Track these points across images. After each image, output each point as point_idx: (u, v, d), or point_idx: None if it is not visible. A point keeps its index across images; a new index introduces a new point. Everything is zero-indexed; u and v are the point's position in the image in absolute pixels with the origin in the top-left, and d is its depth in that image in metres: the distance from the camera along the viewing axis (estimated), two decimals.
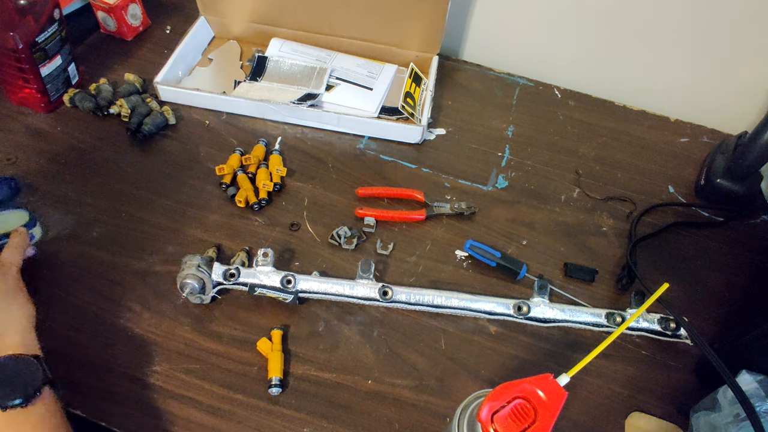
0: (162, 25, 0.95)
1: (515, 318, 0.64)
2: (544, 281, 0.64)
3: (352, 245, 0.68)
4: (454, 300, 0.63)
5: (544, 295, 0.64)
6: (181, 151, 0.77)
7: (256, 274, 0.62)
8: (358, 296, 0.63)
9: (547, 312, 0.64)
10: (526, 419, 0.40)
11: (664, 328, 0.63)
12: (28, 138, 0.76)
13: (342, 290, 0.63)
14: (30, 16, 0.70)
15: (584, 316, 0.64)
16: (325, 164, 0.78)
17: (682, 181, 0.82)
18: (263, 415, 0.56)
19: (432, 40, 0.88)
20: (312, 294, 0.63)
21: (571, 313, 0.64)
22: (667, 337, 0.63)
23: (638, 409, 0.60)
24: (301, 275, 0.63)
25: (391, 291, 0.63)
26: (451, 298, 0.63)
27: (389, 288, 0.63)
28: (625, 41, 0.88)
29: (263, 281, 0.61)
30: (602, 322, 0.63)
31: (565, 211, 0.77)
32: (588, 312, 0.64)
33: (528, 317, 0.63)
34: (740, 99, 0.88)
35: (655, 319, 0.63)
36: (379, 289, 0.63)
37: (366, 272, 0.63)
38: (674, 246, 0.75)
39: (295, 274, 0.62)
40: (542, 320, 0.64)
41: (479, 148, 0.83)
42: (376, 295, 0.63)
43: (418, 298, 0.63)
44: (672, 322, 0.62)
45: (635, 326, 0.63)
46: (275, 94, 0.82)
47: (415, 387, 0.59)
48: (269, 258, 0.62)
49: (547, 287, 0.64)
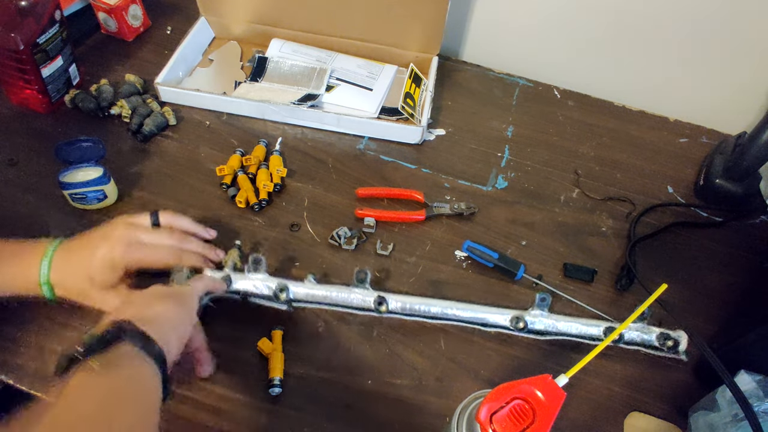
0: (162, 25, 0.95)
1: (512, 332, 0.62)
2: (545, 294, 0.62)
3: (352, 246, 0.69)
4: (450, 311, 0.62)
5: (544, 308, 0.62)
6: (181, 152, 0.77)
7: (248, 281, 0.60)
8: (352, 306, 0.61)
9: (545, 325, 0.62)
10: (525, 420, 0.40)
11: (662, 345, 0.61)
12: (29, 139, 0.76)
13: (336, 299, 0.61)
14: (31, 17, 0.70)
15: (581, 328, 0.62)
16: (325, 165, 0.78)
17: (681, 181, 0.83)
18: (263, 415, 0.56)
19: (432, 41, 0.88)
20: (305, 304, 0.61)
21: (569, 326, 0.62)
22: (663, 353, 0.61)
23: (637, 409, 0.60)
24: (295, 282, 0.61)
25: (386, 303, 0.61)
26: (448, 308, 0.62)
27: (384, 299, 0.61)
28: (625, 42, 0.88)
29: (256, 289, 0.60)
30: (600, 336, 0.62)
31: (565, 212, 0.77)
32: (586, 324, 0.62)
33: (526, 330, 0.61)
34: (739, 99, 0.88)
35: (654, 336, 0.61)
36: (374, 300, 0.61)
37: (362, 282, 0.62)
38: (673, 246, 0.75)
39: (288, 282, 0.61)
40: (540, 332, 0.62)
41: (479, 148, 0.83)
42: (371, 305, 0.61)
43: (415, 308, 0.61)
44: (670, 339, 0.61)
45: (633, 340, 0.62)
46: (275, 94, 0.83)
47: (415, 387, 0.59)
48: (261, 265, 0.61)
49: (547, 301, 0.62)
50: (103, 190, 0.67)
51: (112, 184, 0.69)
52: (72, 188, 0.66)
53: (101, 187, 0.67)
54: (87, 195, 0.67)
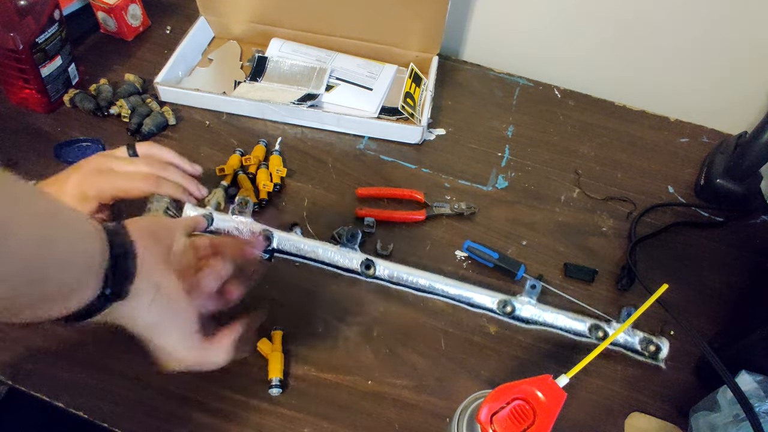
0: (162, 25, 0.95)
1: (498, 315, 0.62)
2: (536, 281, 0.62)
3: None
4: (438, 285, 0.61)
5: (533, 296, 0.63)
6: (181, 152, 0.76)
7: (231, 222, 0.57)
8: (338, 265, 0.59)
9: (531, 313, 0.62)
10: (526, 420, 0.40)
11: (644, 349, 0.61)
12: (28, 138, 0.76)
13: (322, 256, 0.58)
14: (30, 17, 0.70)
15: (566, 322, 0.62)
16: (325, 164, 0.78)
17: (682, 181, 0.83)
18: (263, 415, 0.56)
19: (432, 40, 0.88)
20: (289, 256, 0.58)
21: (555, 318, 0.62)
22: (644, 358, 0.61)
23: (638, 410, 0.60)
24: (281, 232, 0.58)
25: (374, 267, 0.59)
26: (435, 282, 0.61)
27: (372, 263, 0.59)
28: (625, 41, 0.88)
29: (238, 232, 0.57)
30: (584, 332, 0.62)
31: (565, 212, 0.77)
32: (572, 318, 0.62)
33: (512, 316, 0.61)
34: (740, 99, 0.88)
35: (637, 339, 0.61)
36: (362, 262, 0.59)
37: (350, 240, 0.59)
38: (674, 246, 0.75)
39: (274, 230, 0.57)
40: (524, 320, 0.62)
41: (479, 148, 0.83)
42: (357, 267, 0.58)
43: (402, 278, 0.60)
44: (652, 345, 0.61)
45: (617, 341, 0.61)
46: (275, 94, 0.82)
47: (415, 387, 0.59)
48: (248, 208, 0.57)
49: (537, 288, 0.62)
50: None
51: None
52: None
53: None
54: None
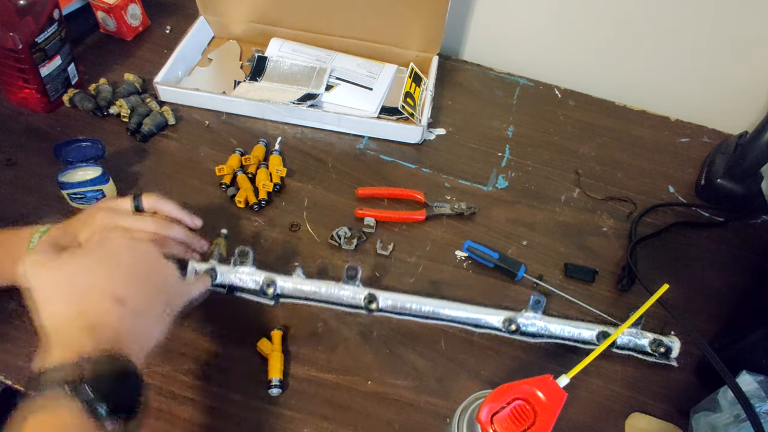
0: (162, 25, 0.95)
1: (503, 333, 0.60)
2: (540, 296, 0.60)
3: (352, 246, 0.68)
4: (443, 310, 0.60)
5: (538, 310, 0.60)
6: (180, 152, 0.77)
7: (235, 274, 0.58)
8: (342, 303, 0.59)
9: (537, 327, 0.60)
10: (526, 420, 0.40)
11: (654, 350, 0.60)
12: (27, 138, 0.76)
13: (325, 296, 0.59)
14: (30, 17, 0.70)
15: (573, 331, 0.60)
16: (325, 164, 0.78)
17: (682, 181, 0.82)
18: (263, 415, 0.56)
19: (432, 40, 0.87)
20: (293, 300, 0.60)
21: (562, 329, 0.60)
22: (654, 358, 0.60)
23: (638, 410, 0.60)
24: (283, 277, 0.59)
25: (376, 302, 0.59)
26: (440, 308, 0.60)
27: (375, 297, 0.59)
28: (626, 41, 0.88)
29: (242, 282, 0.58)
30: (592, 340, 0.60)
31: (565, 212, 0.77)
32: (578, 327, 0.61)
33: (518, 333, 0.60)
34: (740, 99, 0.88)
35: (647, 341, 0.60)
36: (364, 297, 0.59)
37: (352, 279, 0.59)
38: (674, 246, 0.75)
39: (276, 276, 0.59)
40: (532, 335, 0.61)
41: (479, 148, 0.83)
42: (360, 303, 0.59)
43: (406, 307, 0.60)
44: (662, 346, 0.60)
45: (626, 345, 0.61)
46: (275, 94, 0.82)
47: (415, 388, 0.59)
48: (248, 257, 0.58)
49: (542, 303, 0.60)
50: (101, 189, 0.67)
51: (111, 183, 0.69)
52: (71, 188, 0.66)
53: (100, 186, 0.67)
54: (86, 195, 0.67)
